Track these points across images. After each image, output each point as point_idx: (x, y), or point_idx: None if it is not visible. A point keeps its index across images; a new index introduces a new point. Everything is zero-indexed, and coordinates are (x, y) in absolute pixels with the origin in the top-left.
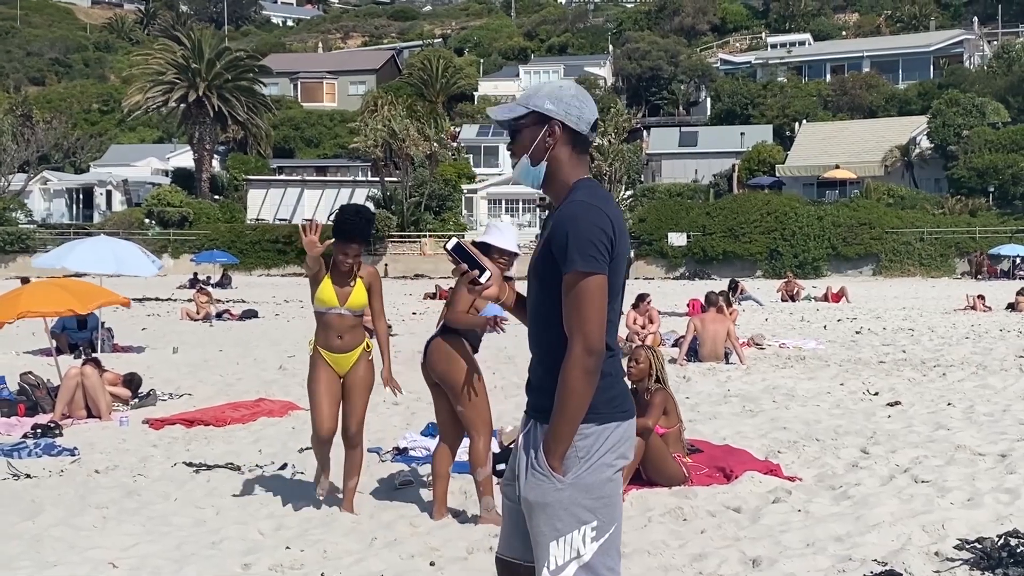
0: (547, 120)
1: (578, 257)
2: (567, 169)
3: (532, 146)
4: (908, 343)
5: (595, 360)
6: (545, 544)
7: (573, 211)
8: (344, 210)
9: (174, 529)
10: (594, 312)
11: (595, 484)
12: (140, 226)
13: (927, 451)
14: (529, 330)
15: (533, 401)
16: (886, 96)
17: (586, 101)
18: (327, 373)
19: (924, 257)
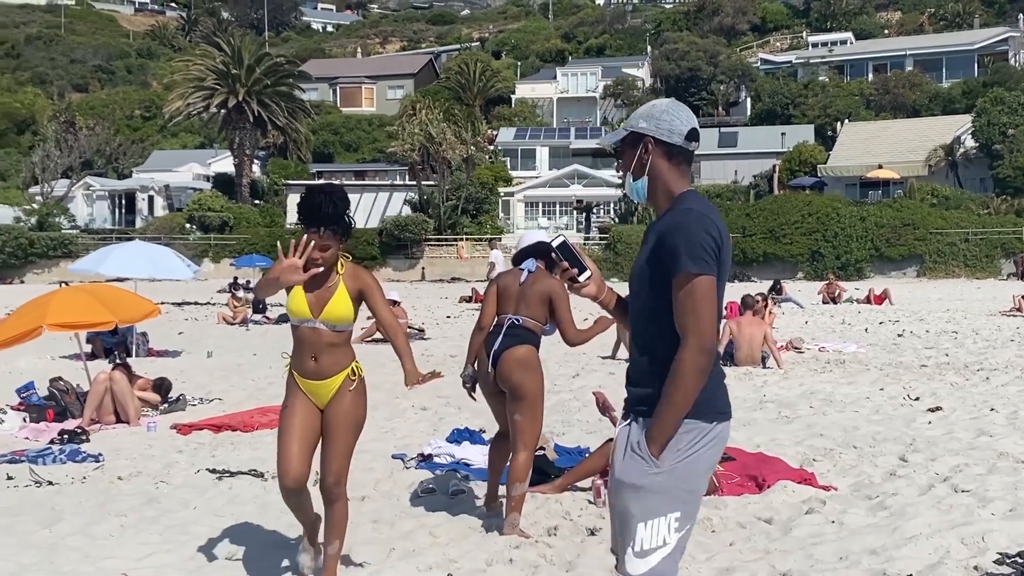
0: (642, 138)
1: (688, 259)
2: (668, 180)
3: (632, 163)
4: (951, 346)
5: (707, 358)
6: (633, 525)
7: (682, 218)
8: (310, 189)
9: (192, 538)
10: (706, 311)
11: (688, 477)
12: (181, 231)
13: (968, 459)
14: (632, 330)
15: (634, 397)
16: (929, 95)
17: (678, 113)
18: (302, 404)
19: (969, 258)
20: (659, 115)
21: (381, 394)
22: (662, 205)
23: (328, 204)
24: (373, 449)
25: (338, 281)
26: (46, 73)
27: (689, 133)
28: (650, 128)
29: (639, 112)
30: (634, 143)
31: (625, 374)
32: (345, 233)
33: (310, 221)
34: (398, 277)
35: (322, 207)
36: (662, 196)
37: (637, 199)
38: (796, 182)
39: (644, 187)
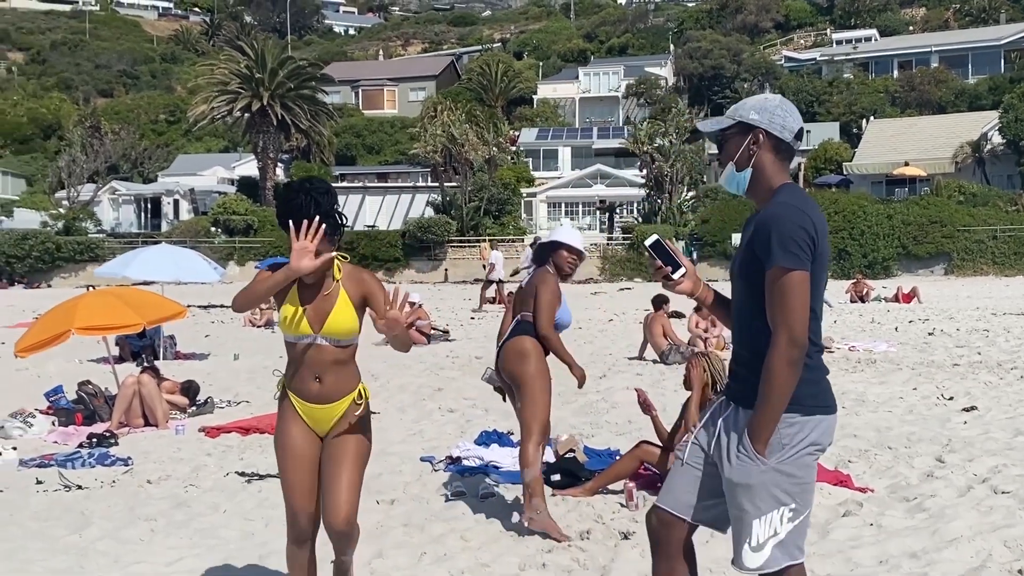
0: (751, 129)
1: (780, 253)
2: (770, 174)
3: (737, 154)
4: (983, 344)
5: (799, 351)
6: (748, 522)
7: (777, 212)
8: (289, 187)
9: (221, 543)
10: (797, 305)
11: (796, 470)
12: (206, 234)
13: (1006, 459)
14: (733, 325)
15: (736, 387)
16: (956, 91)
17: (791, 111)
18: (303, 434)
19: (998, 255)
20: (773, 109)
21: (408, 395)
22: (762, 199)
23: (310, 204)
24: (401, 452)
25: (337, 287)
26: (71, 78)
27: (798, 132)
28: (763, 120)
29: (749, 104)
30: (743, 133)
31: (731, 364)
32: (337, 232)
33: (294, 217)
34: (421, 279)
35: (303, 208)
36: (763, 190)
37: (736, 190)
38: (822, 180)
39: (747, 179)
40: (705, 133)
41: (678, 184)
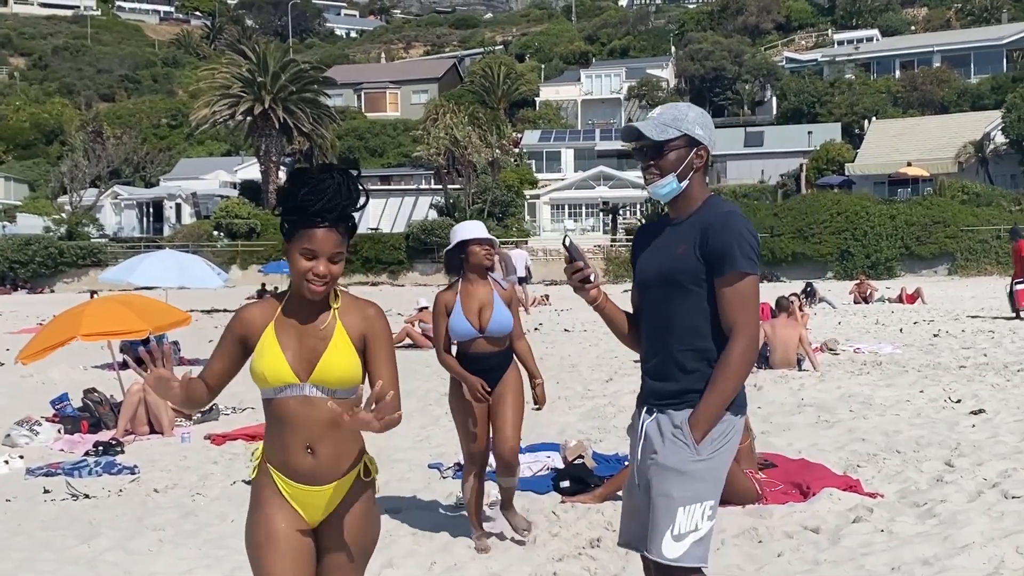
0: (696, 144)
1: (742, 259)
2: (700, 187)
3: (680, 166)
4: (989, 346)
5: (755, 353)
6: (674, 509)
7: (730, 220)
8: (310, 173)
9: (230, 552)
10: (755, 309)
11: (720, 467)
12: (209, 238)
13: (1016, 463)
14: (647, 329)
15: (662, 392)
16: (958, 91)
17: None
18: (289, 523)
19: (1001, 255)
20: (710, 126)
21: (414, 401)
22: (685, 209)
23: (344, 192)
24: (409, 459)
25: (334, 322)
26: (73, 83)
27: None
28: (705, 137)
29: (692, 118)
30: (687, 146)
31: (646, 370)
32: (351, 235)
33: (311, 215)
34: (424, 281)
35: (337, 197)
36: (690, 201)
37: (664, 200)
38: (824, 181)
39: (680, 190)
40: (645, 135)
41: None
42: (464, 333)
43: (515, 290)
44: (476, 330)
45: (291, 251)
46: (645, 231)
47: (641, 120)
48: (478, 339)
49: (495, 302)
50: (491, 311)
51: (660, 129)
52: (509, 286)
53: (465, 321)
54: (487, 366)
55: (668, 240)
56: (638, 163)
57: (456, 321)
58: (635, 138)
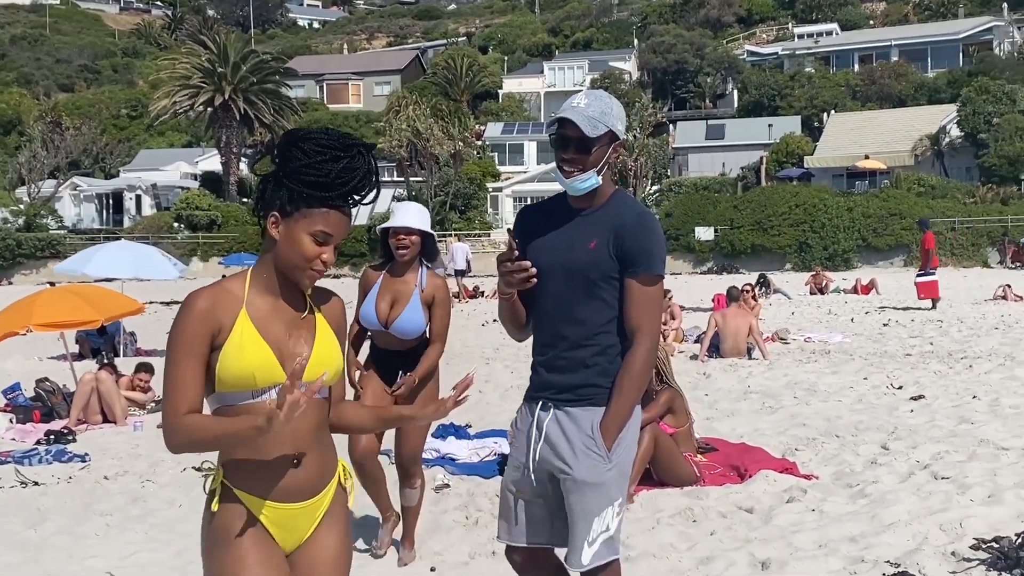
0: (615, 139)
1: (659, 262)
2: (609, 181)
3: (601, 161)
4: (936, 335)
5: (656, 354)
6: (589, 520)
7: (650, 222)
8: (335, 143)
9: (177, 537)
10: (660, 312)
11: (627, 460)
12: (169, 230)
13: (949, 446)
14: (545, 320)
15: (560, 385)
16: (915, 85)
17: None
18: (264, 561)
19: (956, 247)
20: (624, 119)
21: None
22: (592, 201)
23: (375, 174)
24: None
25: (313, 311)
26: (32, 73)
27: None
28: (621, 133)
29: (616, 113)
30: (609, 142)
31: (541, 362)
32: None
33: (347, 196)
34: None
35: (368, 177)
36: (599, 194)
37: (579, 193)
38: (783, 173)
39: (597, 184)
40: (581, 128)
41: (643, 178)
42: (368, 321)
43: (447, 285)
44: (380, 324)
45: (295, 231)
46: (536, 214)
47: (570, 109)
48: (382, 333)
49: (411, 301)
50: (402, 308)
51: (592, 125)
52: (438, 283)
53: (373, 310)
54: (391, 365)
55: (575, 231)
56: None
57: (366, 307)
58: (566, 129)
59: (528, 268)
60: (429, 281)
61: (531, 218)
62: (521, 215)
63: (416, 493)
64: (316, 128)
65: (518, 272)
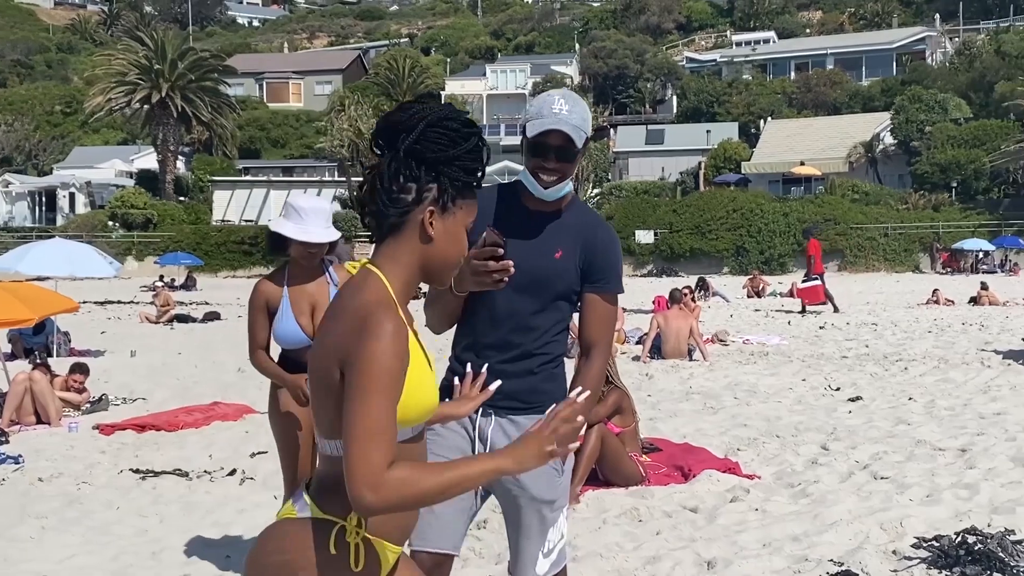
0: (586, 145)
1: (621, 280)
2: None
3: (575, 167)
4: (871, 338)
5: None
6: (545, 532)
7: (614, 237)
8: (461, 116)
9: (115, 539)
10: (614, 328)
11: (568, 466)
12: (104, 228)
13: (887, 447)
14: (492, 324)
15: (503, 392)
16: (850, 93)
17: None
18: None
19: (888, 252)
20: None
21: None
22: (551, 206)
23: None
24: None
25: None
26: None
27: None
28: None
29: (589, 119)
30: (583, 148)
31: (483, 367)
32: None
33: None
34: None
35: (482, 160)
36: (562, 200)
37: (550, 200)
38: (721, 179)
39: (567, 192)
40: (573, 138)
41: (584, 181)
42: (294, 340)
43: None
44: (309, 336)
45: (455, 226)
46: (486, 205)
47: (554, 117)
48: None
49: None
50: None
51: (578, 134)
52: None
53: (295, 324)
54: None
55: (538, 236)
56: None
57: (284, 325)
58: (549, 138)
59: (511, 269)
60: (339, 275)
61: (484, 208)
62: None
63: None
64: (441, 105)
65: (500, 272)
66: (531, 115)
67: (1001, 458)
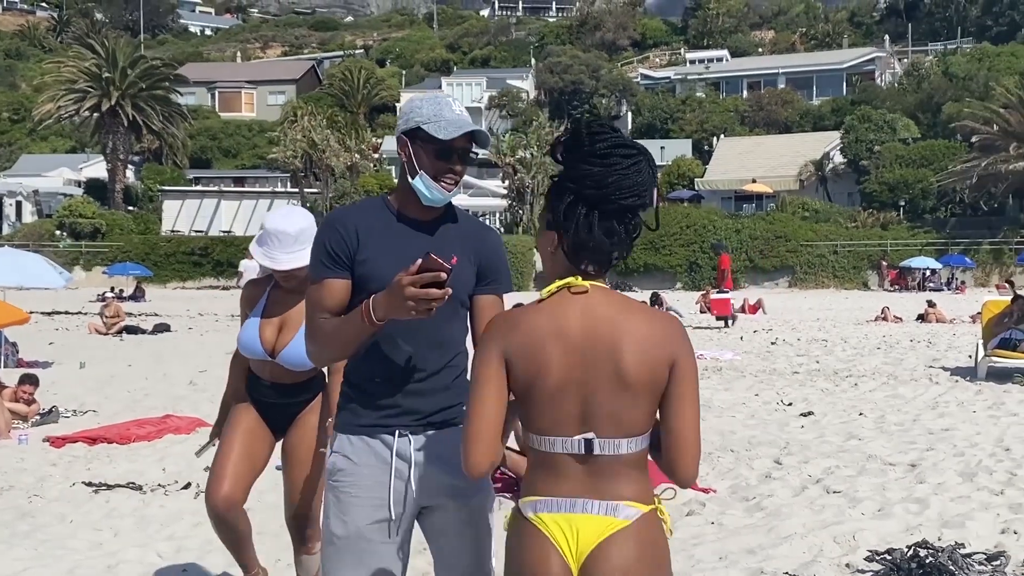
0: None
1: (510, 280)
2: None
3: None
4: (822, 354)
5: None
6: (488, 540)
7: (497, 235)
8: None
9: (68, 552)
10: None
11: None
12: (51, 238)
13: (839, 461)
14: (397, 343)
15: (415, 410)
16: (801, 112)
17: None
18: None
19: (838, 269)
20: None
21: None
22: (432, 214)
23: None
24: None
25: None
26: None
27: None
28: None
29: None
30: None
31: (392, 390)
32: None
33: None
34: None
35: (647, 183)
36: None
37: (438, 205)
38: (674, 195)
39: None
40: (479, 146)
41: (539, 195)
42: (250, 349)
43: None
44: (266, 352)
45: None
46: (360, 222)
47: (465, 121)
48: (267, 363)
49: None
50: (293, 334)
51: (486, 137)
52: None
53: (255, 335)
54: (274, 400)
55: (429, 245)
56: (499, 173)
57: (247, 330)
58: (465, 142)
59: (449, 295)
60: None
61: (355, 227)
62: (341, 224)
63: (316, 559)
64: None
65: (438, 301)
66: (426, 118)
67: (950, 473)
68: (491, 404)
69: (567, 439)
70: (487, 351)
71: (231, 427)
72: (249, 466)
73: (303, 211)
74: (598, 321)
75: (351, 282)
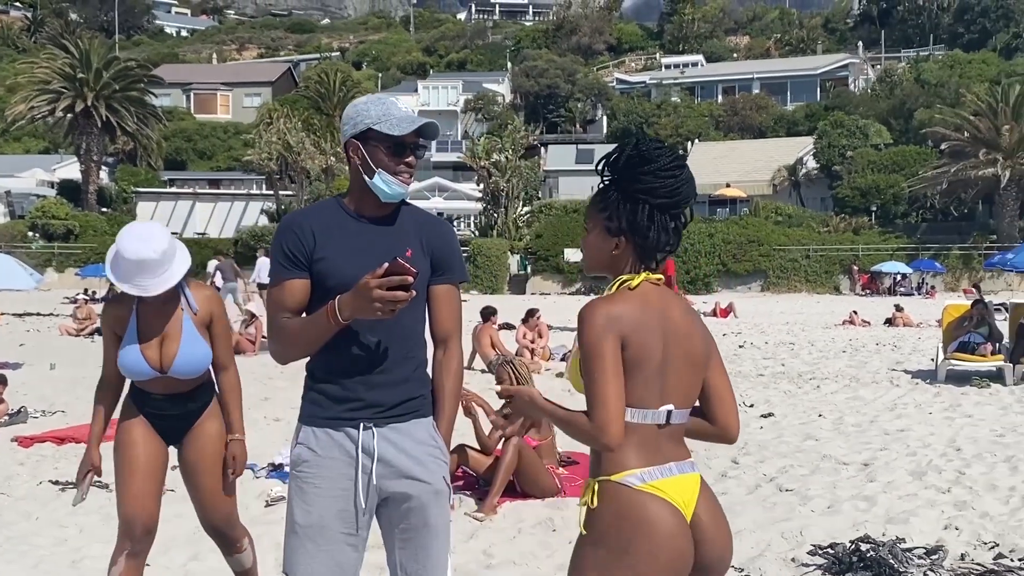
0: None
1: (464, 268)
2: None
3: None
4: (788, 357)
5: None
6: (447, 530)
7: (448, 225)
8: (658, 153)
9: (33, 548)
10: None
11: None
12: (23, 239)
13: (794, 461)
14: (359, 338)
15: (378, 403)
16: (775, 117)
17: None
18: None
19: (810, 274)
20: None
21: None
22: (383, 210)
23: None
24: None
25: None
26: None
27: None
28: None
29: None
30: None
31: (354, 382)
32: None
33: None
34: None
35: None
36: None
37: (395, 200)
38: None
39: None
40: (430, 138)
41: (514, 199)
42: (138, 371)
43: (216, 293)
44: (155, 369)
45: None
46: (316, 223)
47: (419, 117)
48: (160, 379)
49: (184, 331)
50: (177, 344)
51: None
52: (207, 294)
53: (139, 355)
54: (168, 412)
55: (384, 240)
56: (475, 176)
57: (128, 354)
58: (420, 137)
59: (412, 296)
60: (197, 296)
61: (311, 228)
62: (297, 226)
63: (247, 555)
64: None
65: (404, 303)
66: (376, 119)
67: (900, 472)
68: (620, 384)
69: (655, 411)
70: (605, 337)
71: (127, 446)
72: (157, 484)
73: (157, 228)
74: (674, 309)
75: (310, 281)
